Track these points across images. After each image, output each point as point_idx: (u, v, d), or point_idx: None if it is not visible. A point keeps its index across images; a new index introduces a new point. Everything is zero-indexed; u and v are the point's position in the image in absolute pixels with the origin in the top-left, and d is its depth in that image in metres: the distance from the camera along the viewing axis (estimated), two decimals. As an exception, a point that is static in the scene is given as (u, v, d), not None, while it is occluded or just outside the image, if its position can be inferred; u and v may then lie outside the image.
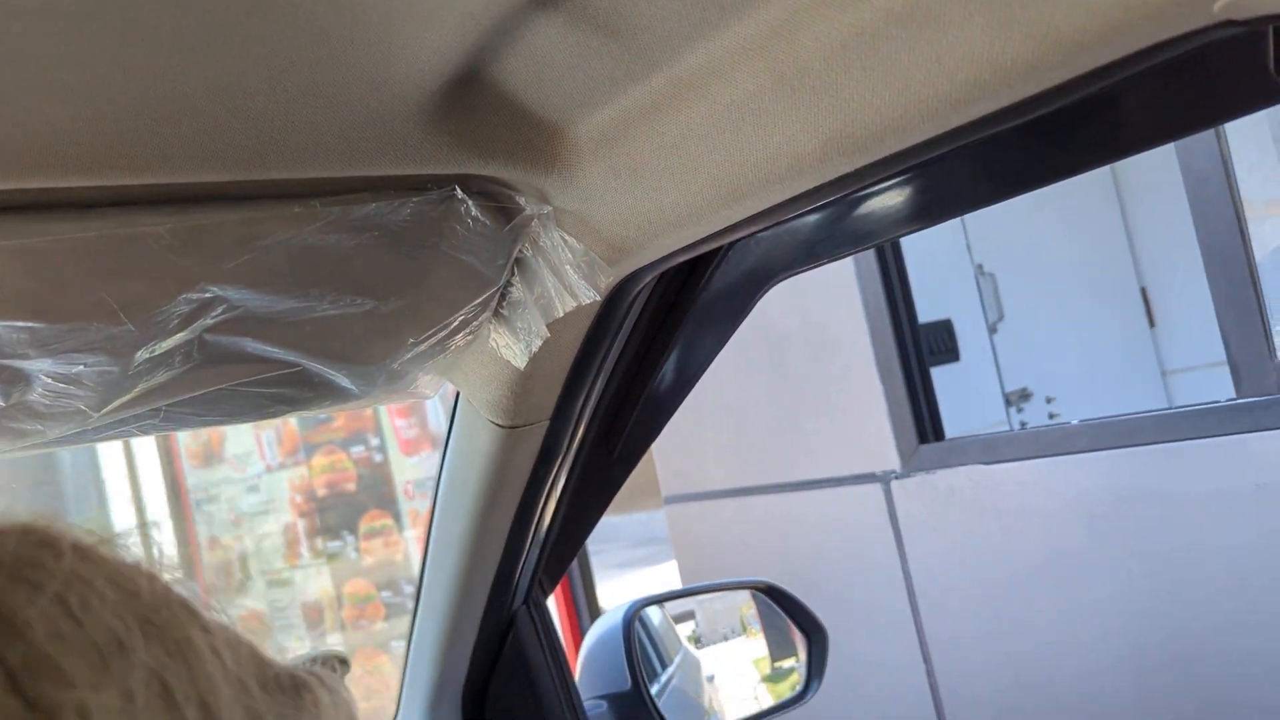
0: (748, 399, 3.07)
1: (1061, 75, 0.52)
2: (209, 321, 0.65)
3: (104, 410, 0.65)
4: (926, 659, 2.72)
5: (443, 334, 0.81)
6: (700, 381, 1.07)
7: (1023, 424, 3.65)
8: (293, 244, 0.67)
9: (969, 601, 2.61)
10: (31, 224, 0.57)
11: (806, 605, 1.39)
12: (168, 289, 0.63)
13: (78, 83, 0.49)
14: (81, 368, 0.62)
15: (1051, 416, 3.74)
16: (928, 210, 0.78)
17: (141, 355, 0.63)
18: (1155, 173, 3.93)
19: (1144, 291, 4.34)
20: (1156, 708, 2.31)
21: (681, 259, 0.82)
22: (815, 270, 0.95)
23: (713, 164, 0.67)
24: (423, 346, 0.81)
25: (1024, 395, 3.75)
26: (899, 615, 2.75)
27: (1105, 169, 4.19)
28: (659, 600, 1.34)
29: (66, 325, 0.60)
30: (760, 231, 0.81)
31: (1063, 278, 4.03)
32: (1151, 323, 4.33)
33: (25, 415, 0.63)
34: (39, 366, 0.61)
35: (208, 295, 0.64)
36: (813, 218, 0.85)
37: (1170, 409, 2.48)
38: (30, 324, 0.59)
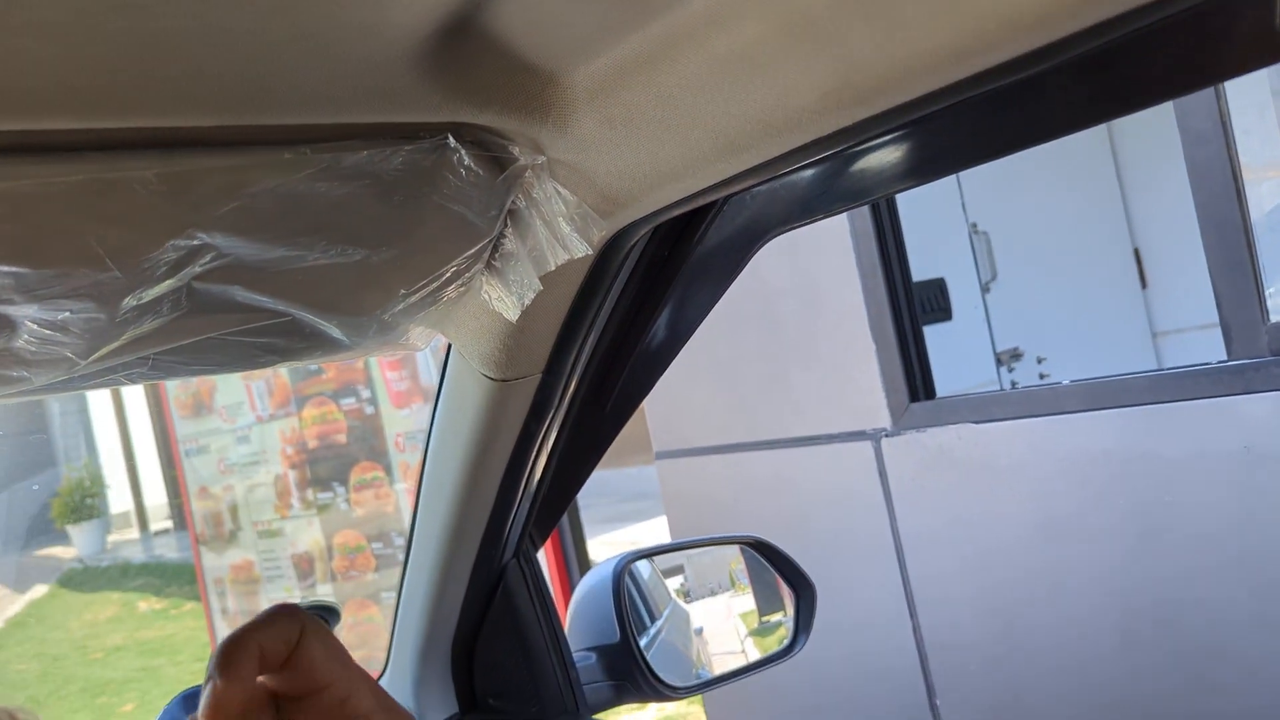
0: (739, 355, 3.07)
1: (1067, 28, 0.51)
2: (197, 269, 0.64)
3: (91, 358, 0.64)
4: (913, 615, 2.74)
5: (434, 285, 0.80)
6: (692, 337, 1.07)
7: (1014, 383, 3.66)
8: (282, 191, 0.66)
9: (957, 559, 2.63)
10: (15, 167, 0.56)
11: (795, 561, 1.40)
12: (155, 235, 0.62)
13: (62, 20, 0.48)
14: (68, 314, 0.61)
15: (1042, 377, 3.75)
16: (924, 167, 0.77)
17: (129, 302, 0.63)
18: (1152, 133, 3.91)
19: (1137, 252, 4.34)
20: (1141, 663, 2.34)
21: (676, 213, 0.81)
22: (809, 227, 0.94)
23: (710, 116, 0.66)
24: (414, 298, 0.80)
25: (1015, 355, 3.76)
26: (887, 572, 2.77)
27: (1102, 129, 4.17)
28: (648, 554, 1.35)
29: (52, 271, 0.59)
30: (756, 186, 0.80)
31: (1056, 238, 4.02)
32: (1144, 284, 4.33)
33: (11, 362, 0.62)
34: (24, 312, 0.60)
35: (196, 242, 0.63)
36: (808, 173, 0.84)
37: (1161, 370, 2.49)
38: (14, 269, 0.58)
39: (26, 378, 0.63)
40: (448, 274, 0.80)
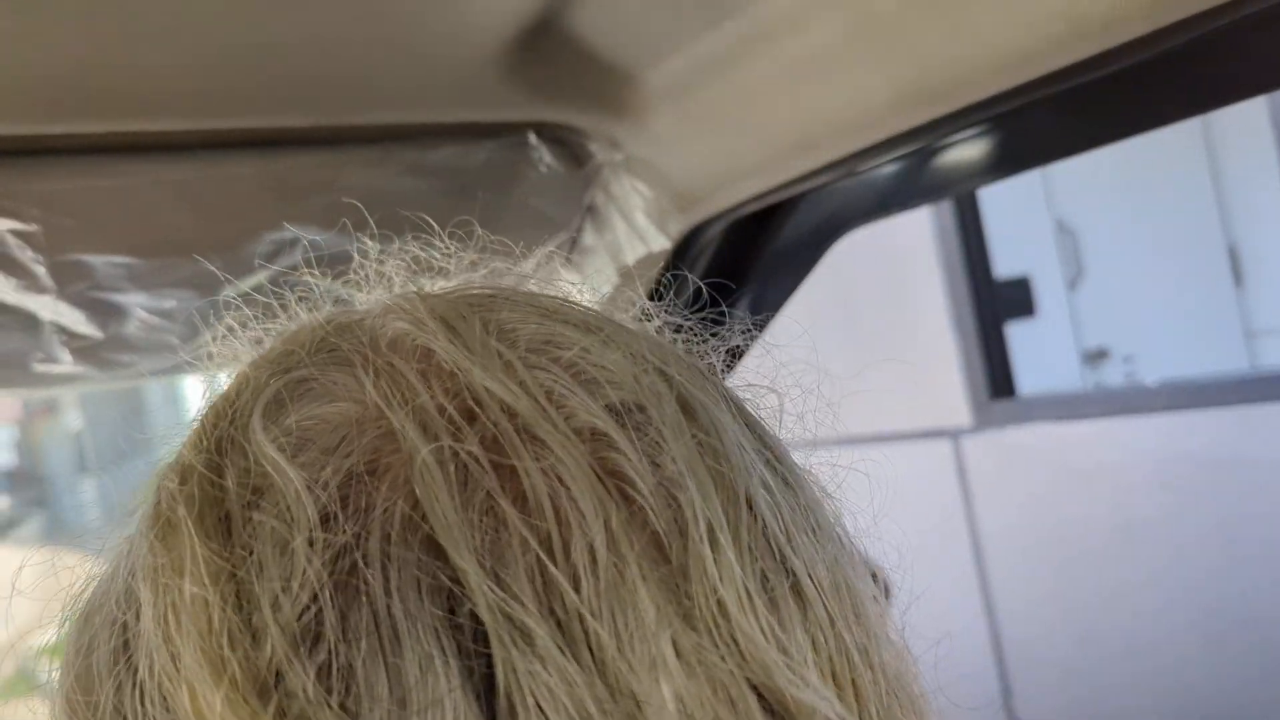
0: (818, 350, 3.06)
1: (1142, 28, 0.51)
2: (291, 261, 0.68)
3: (195, 344, 0.68)
4: (990, 614, 2.71)
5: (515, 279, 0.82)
6: (768, 331, 1.07)
7: (1099, 383, 3.58)
8: (370, 187, 0.69)
9: (1036, 560, 2.59)
10: (128, 164, 0.60)
11: (870, 557, 1.40)
12: (253, 228, 0.65)
13: (172, 28, 0.51)
14: (174, 303, 0.65)
15: (1129, 376, 3.66)
16: (1002, 162, 0.77)
17: (228, 292, 0.66)
18: (1248, 126, 3.79)
19: (1232, 249, 4.21)
20: (1225, 675, 2.28)
21: (752, 209, 0.82)
22: (890, 222, 0.94)
23: (784, 113, 0.67)
24: (495, 290, 0.82)
25: (1101, 354, 3.68)
26: (964, 572, 2.74)
27: (1195, 122, 4.04)
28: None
29: (159, 261, 0.63)
30: (831, 182, 0.81)
31: (1147, 234, 3.92)
32: (1238, 281, 4.20)
33: (121, 348, 0.66)
34: (134, 300, 0.64)
35: (289, 235, 0.67)
36: (886, 168, 0.85)
37: (1251, 370, 2.42)
38: (126, 259, 0.62)
39: (135, 363, 0.67)
40: (528, 268, 0.82)
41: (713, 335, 0.43)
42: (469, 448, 0.28)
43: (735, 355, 0.44)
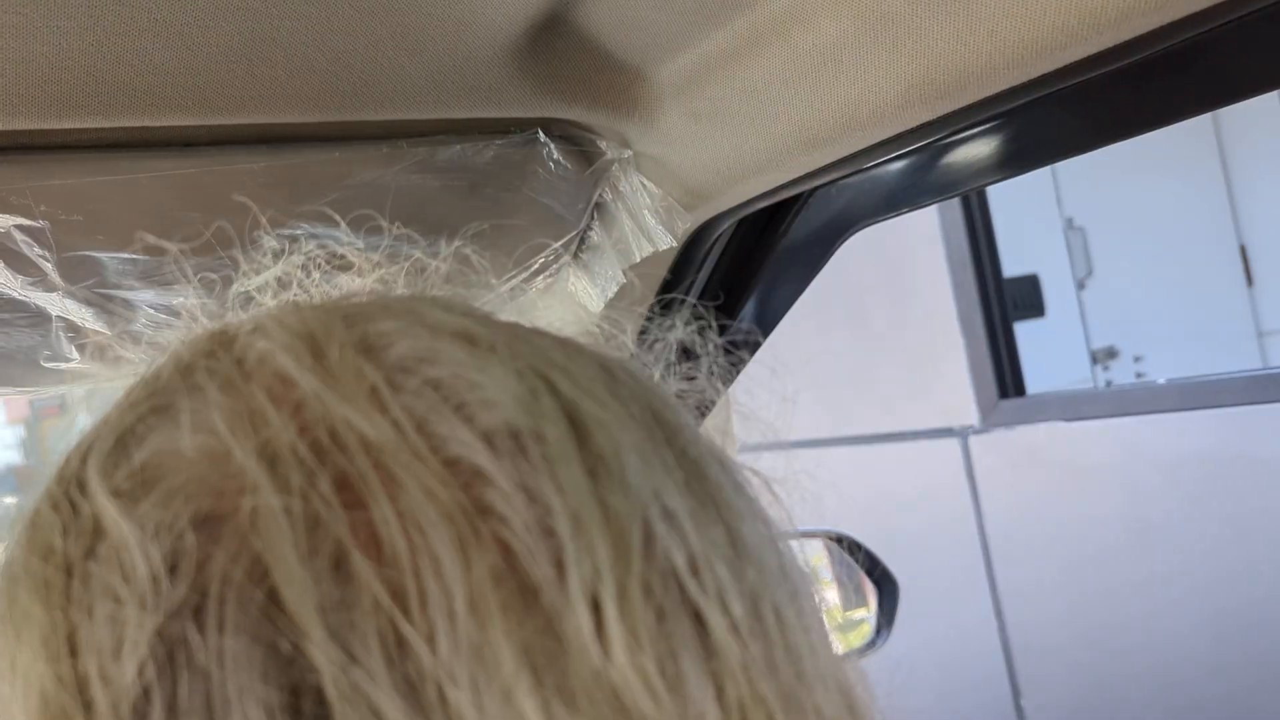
0: (825, 349, 3.06)
1: (1155, 21, 0.51)
2: (300, 258, 0.68)
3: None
4: (999, 615, 2.70)
5: (523, 276, 0.82)
6: (776, 330, 1.07)
7: (1108, 382, 3.57)
8: (379, 184, 0.69)
9: (1045, 559, 2.58)
10: (136, 160, 0.60)
11: (878, 556, 1.39)
12: (261, 225, 0.65)
13: (180, 23, 0.51)
14: (181, 299, 0.65)
15: (1139, 376, 3.65)
16: (1012, 160, 0.77)
17: (236, 289, 0.66)
18: (1261, 124, 3.77)
19: (1243, 249, 4.19)
20: (1235, 673, 2.27)
21: (760, 206, 0.82)
22: (898, 220, 0.94)
23: (793, 110, 0.67)
24: (503, 288, 0.82)
25: (1111, 353, 3.66)
26: (973, 571, 2.73)
27: (1207, 120, 4.03)
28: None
29: (167, 257, 0.63)
30: (841, 179, 0.81)
31: (1157, 233, 3.91)
32: (1250, 281, 4.18)
33: (130, 344, 0.66)
34: (142, 297, 0.64)
35: (299, 232, 0.67)
36: (895, 165, 0.84)
37: (1261, 370, 2.41)
38: (134, 255, 0.62)
39: (144, 360, 0.67)
40: (536, 265, 0.82)
41: (720, 331, 0.42)
42: (320, 490, 0.25)
43: (732, 354, 0.43)
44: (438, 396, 0.27)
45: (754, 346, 1.08)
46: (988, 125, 0.74)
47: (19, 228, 0.58)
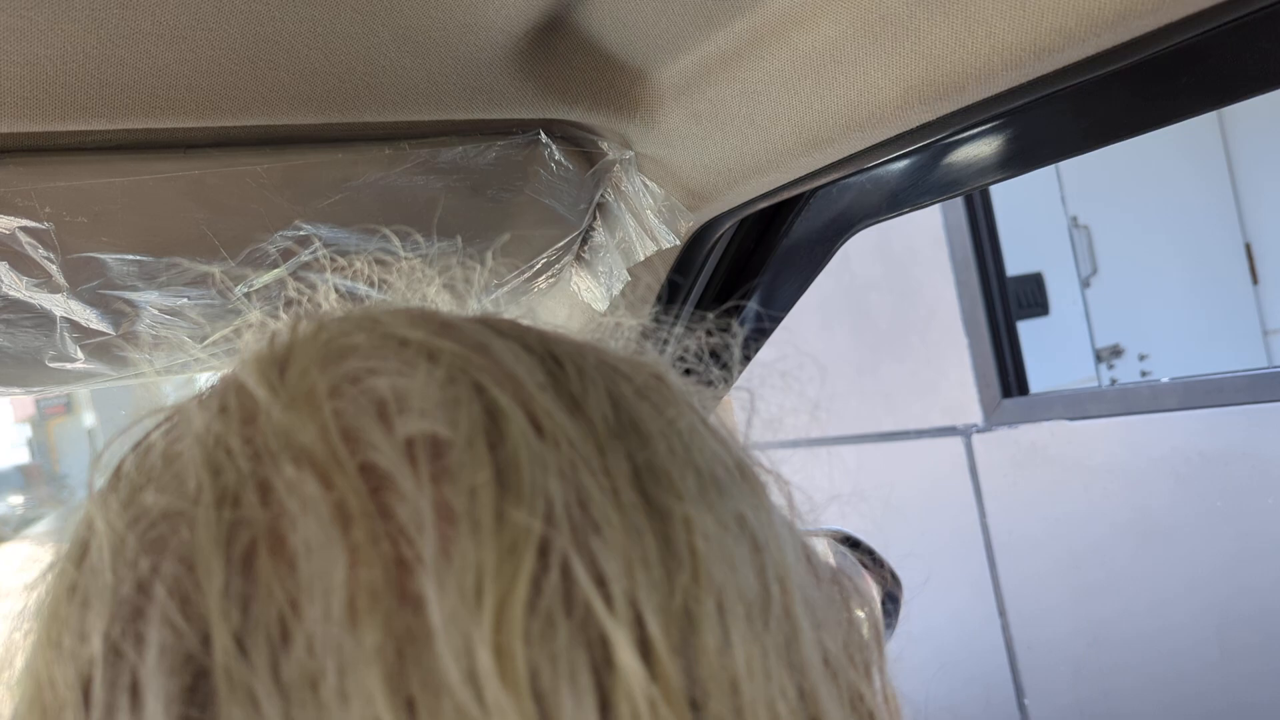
0: (828, 348, 3.06)
1: (1152, 23, 0.51)
2: (303, 259, 0.68)
3: (206, 342, 0.68)
4: (1002, 613, 2.70)
5: (525, 276, 0.83)
6: (779, 328, 1.07)
7: (1114, 380, 3.56)
8: (382, 185, 0.69)
9: (1048, 559, 2.58)
10: (140, 162, 0.60)
11: (881, 555, 1.40)
12: (264, 226, 0.66)
13: (183, 25, 0.51)
14: (185, 300, 0.65)
15: (1144, 374, 3.65)
16: (1012, 160, 0.77)
17: (240, 290, 0.66)
18: (1266, 123, 3.76)
19: (1248, 247, 4.18)
20: (1237, 671, 2.27)
21: (762, 206, 0.82)
22: (901, 219, 0.94)
23: (794, 111, 0.67)
24: (506, 288, 0.83)
25: (1116, 351, 3.66)
26: (976, 569, 2.73)
27: (1212, 118, 4.02)
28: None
29: (171, 259, 0.63)
30: (842, 179, 0.81)
31: (1163, 231, 3.90)
32: (1255, 279, 4.17)
33: (134, 345, 0.67)
34: (146, 298, 0.64)
35: (301, 233, 0.67)
36: (896, 165, 0.85)
37: (1264, 368, 2.41)
38: (138, 257, 0.62)
39: (147, 360, 0.68)
40: (538, 265, 0.82)
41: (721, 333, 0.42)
42: (247, 493, 0.26)
43: (733, 353, 0.43)
44: (369, 404, 0.28)
45: (757, 346, 1.08)
46: (987, 126, 0.74)
47: (24, 229, 0.59)
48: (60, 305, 0.63)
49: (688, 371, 0.41)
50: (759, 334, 1.07)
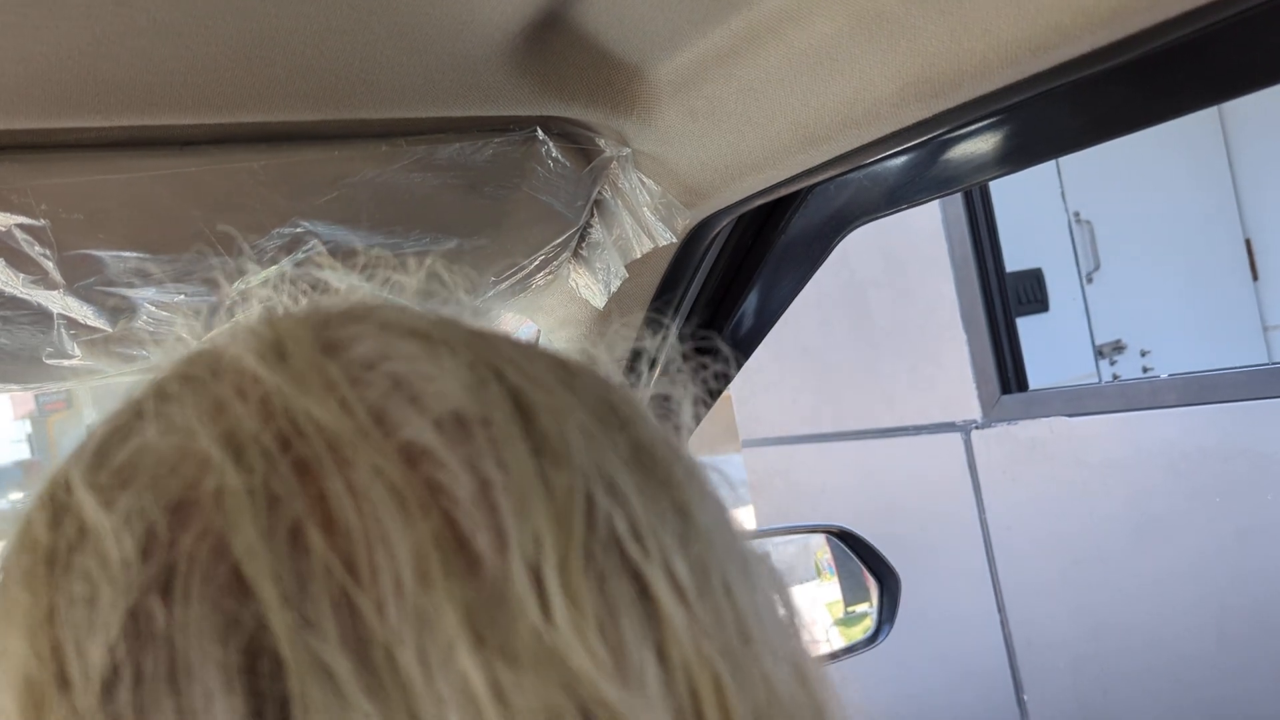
0: (827, 344, 3.06)
1: (1147, 19, 0.51)
2: (300, 255, 0.68)
3: (204, 339, 0.68)
4: (1001, 610, 2.70)
5: (523, 273, 0.83)
6: (778, 325, 1.07)
7: (1114, 376, 3.56)
8: (379, 182, 0.69)
9: (1047, 555, 2.58)
10: (136, 159, 0.60)
11: (880, 551, 1.40)
12: (261, 223, 0.66)
13: (179, 22, 0.51)
14: (182, 297, 0.65)
15: (1145, 370, 3.64)
16: (1009, 156, 0.77)
17: (236, 286, 0.66)
18: (1267, 119, 3.76)
19: (1248, 243, 4.18)
20: (1237, 665, 2.27)
21: (759, 202, 0.82)
22: (899, 215, 0.94)
23: (790, 108, 0.67)
24: (504, 285, 0.83)
25: (1117, 347, 3.66)
26: (975, 566, 2.73)
27: (1213, 114, 4.02)
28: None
29: (167, 256, 0.63)
30: (839, 176, 0.81)
31: (1164, 227, 3.90)
32: (1255, 276, 4.17)
33: (132, 342, 0.67)
34: (144, 295, 0.64)
35: (298, 230, 0.67)
36: (893, 162, 0.85)
37: (1264, 364, 2.41)
38: (135, 254, 0.62)
39: (146, 356, 0.68)
40: (536, 262, 0.82)
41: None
42: (280, 471, 0.27)
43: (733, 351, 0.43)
44: (394, 388, 0.29)
45: (754, 343, 1.08)
46: (984, 122, 0.74)
47: (20, 226, 0.59)
48: (57, 302, 0.63)
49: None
50: (757, 330, 1.07)
